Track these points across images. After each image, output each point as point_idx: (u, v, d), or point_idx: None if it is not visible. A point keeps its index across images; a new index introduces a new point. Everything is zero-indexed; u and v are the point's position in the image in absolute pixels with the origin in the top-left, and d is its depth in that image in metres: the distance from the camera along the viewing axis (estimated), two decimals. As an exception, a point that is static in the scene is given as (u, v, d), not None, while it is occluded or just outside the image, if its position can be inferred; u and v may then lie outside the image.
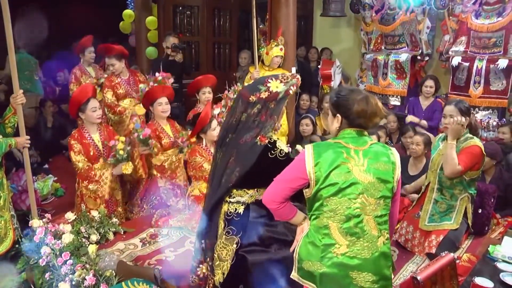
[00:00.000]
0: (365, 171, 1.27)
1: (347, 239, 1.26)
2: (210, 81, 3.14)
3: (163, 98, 2.75)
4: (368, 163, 1.28)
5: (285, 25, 3.43)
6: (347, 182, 1.25)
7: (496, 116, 3.42)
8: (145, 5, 4.63)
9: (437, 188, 2.22)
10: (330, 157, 1.28)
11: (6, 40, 2.08)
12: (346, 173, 1.26)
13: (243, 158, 1.45)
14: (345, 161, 1.27)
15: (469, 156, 2.07)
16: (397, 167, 1.32)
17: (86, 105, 2.49)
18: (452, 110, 2.15)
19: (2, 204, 2.07)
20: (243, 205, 1.53)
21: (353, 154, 1.28)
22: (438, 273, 1.57)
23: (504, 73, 3.33)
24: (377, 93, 4.25)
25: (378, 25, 4.15)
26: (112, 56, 3.08)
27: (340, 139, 1.32)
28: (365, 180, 1.26)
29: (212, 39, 4.96)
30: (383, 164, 1.29)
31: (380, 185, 1.28)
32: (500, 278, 1.72)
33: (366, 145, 1.31)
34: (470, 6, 3.48)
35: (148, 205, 2.77)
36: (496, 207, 2.46)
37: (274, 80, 1.46)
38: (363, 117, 1.30)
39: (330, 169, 1.26)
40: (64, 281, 1.82)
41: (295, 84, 1.49)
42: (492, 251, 1.97)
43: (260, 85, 1.47)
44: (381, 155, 1.31)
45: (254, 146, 1.44)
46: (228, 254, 1.51)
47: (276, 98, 1.46)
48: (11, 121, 2.16)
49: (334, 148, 1.30)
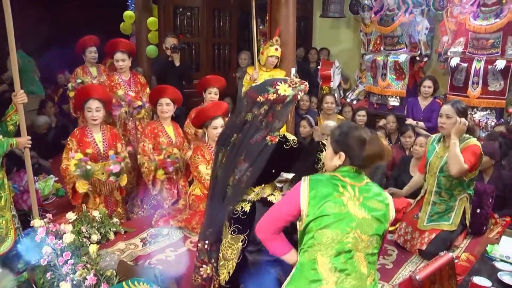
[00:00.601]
0: (360, 206, 1.24)
1: (335, 275, 1.21)
2: (219, 82, 3.15)
3: (164, 99, 2.76)
4: (363, 199, 1.25)
5: (284, 26, 3.44)
6: (340, 215, 1.22)
7: (494, 117, 3.44)
8: (146, 6, 4.65)
9: (436, 191, 2.23)
10: (325, 189, 1.25)
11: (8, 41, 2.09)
12: (340, 205, 1.23)
13: (256, 158, 1.44)
14: (340, 194, 1.25)
15: (473, 155, 2.07)
16: (391, 209, 1.30)
17: (84, 104, 2.51)
18: (448, 110, 2.13)
19: (3, 204, 2.07)
20: (249, 203, 1.52)
21: (349, 189, 1.26)
22: (437, 272, 1.57)
23: (502, 74, 3.36)
24: (376, 93, 4.27)
25: (377, 26, 4.17)
26: (125, 52, 3.07)
27: (337, 173, 1.30)
28: (359, 215, 1.23)
29: (212, 40, 4.98)
30: (378, 203, 1.27)
31: (374, 223, 1.24)
32: (498, 277, 1.73)
33: (363, 182, 1.29)
34: (468, 8, 3.51)
35: (148, 205, 2.78)
36: (494, 207, 2.47)
37: (282, 84, 1.47)
38: (370, 160, 1.27)
39: (323, 201, 1.23)
40: (65, 281, 1.82)
41: (303, 90, 1.49)
42: (490, 250, 1.98)
43: (268, 87, 1.47)
44: (376, 194, 1.28)
45: (266, 146, 1.44)
46: (233, 253, 1.51)
47: (284, 101, 1.46)
48: (12, 119, 2.16)
49: (330, 181, 1.28)
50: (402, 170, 3.04)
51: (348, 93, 4.72)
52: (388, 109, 4.13)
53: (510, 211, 2.67)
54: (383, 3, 4.13)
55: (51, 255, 1.90)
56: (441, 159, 2.18)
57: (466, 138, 2.15)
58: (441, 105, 3.51)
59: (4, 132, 2.14)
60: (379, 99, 4.27)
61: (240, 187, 1.48)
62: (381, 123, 3.94)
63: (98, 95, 2.55)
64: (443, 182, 2.18)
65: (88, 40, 3.47)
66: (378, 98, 4.27)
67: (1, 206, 2.07)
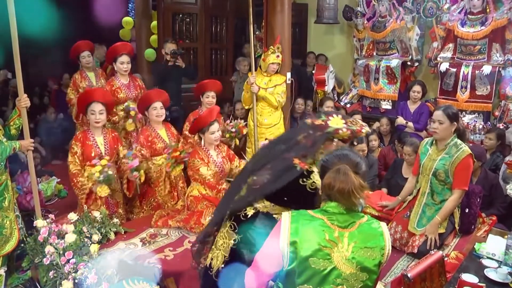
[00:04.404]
0: (348, 259, 1.14)
1: None
2: (216, 86, 3.21)
3: (158, 103, 2.77)
4: (352, 250, 1.14)
5: (280, 32, 3.53)
6: (325, 271, 1.12)
7: (482, 120, 3.53)
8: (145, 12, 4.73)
9: (428, 193, 2.26)
10: (309, 238, 1.13)
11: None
12: (325, 260, 1.13)
13: (278, 174, 1.41)
14: (326, 246, 1.13)
15: (467, 169, 2.14)
16: (387, 248, 1.18)
17: (88, 107, 2.55)
18: (440, 116, 2.16)
19: (7, 205, 2.11)
20: (254, 209, 1.51)
21: (337, 237, 1.14)
22: (427, 270, 1.59)
23: (488, 78, 3.46)
24: (369, 97, 4.37)
25: (370, 32, 4.26)
26: (129, 55, 3.12)
27: (323, 215, 1.17)
28: (346, 270, 1.13)
29: (210, 45, 5.06)
30: (370, 251, 1.15)
31: (363, 275, 1.15)
32: (485, 273, 1.76)
33: (354, 226, 1.16)
34: (456, 15, 3.63)
35: (147, 206, 2.83)
36: (482, 207, 2.53)
37: (337, 117, 1.45)
38: (340, 194, 1.14)
39: (307, 254, 1.12)
40: (67, 279, 1.87)
41: (354, 132, 1.43)
42: (478, 248, 2.01)
43: (323, 114, 1.48)
44: (369, 239, 1.16)
45: (293, 169, 1.39)
46: (223, 246, 1.52)
47: (323, 130, 1.43)
48: (16, 123, 2.21)
49: (316, 227, 1.15)
50: (395, 172, 3.12)
51: (341, 96, 4.81)
52: (380, 112, 4.21)
53: (496, 211, 2.77)
54: (375, 10, 4.24)
55: (53, 254, 1.94)
56: (434, 162, 2.23)
57: (459, 145, 2.18)
58: (430, 108, 3.66)
59: (7, 136, 2.19)
60: (371, 103, 4.37)
61: (253, 189, 1.46)
62: (375, 126, 4.04)
63: (102, 99, 2.59)
64: (435, 185, 2.24)
65: (82, 45, 3.41)
66: (371, 101, 4.37)
67: (5, 207, 2.10)
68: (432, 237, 2.19)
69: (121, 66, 3.13)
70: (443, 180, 2.21)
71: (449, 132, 2.20)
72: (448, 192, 2.22)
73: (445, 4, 3.74)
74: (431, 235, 2.20)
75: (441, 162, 2.21)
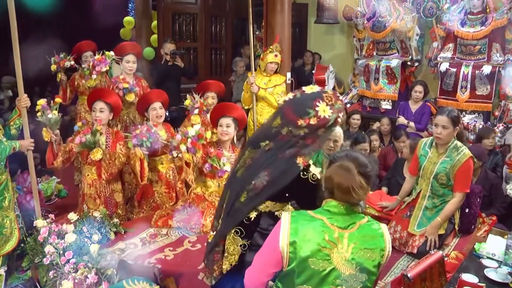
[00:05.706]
0: (347, 260, 1.13)
1: None
2: (218, 87, 3.20)
3: (157, 103, 2.77)
4: (352, 251, 1.14)
5: (280, 32, 3.53)
6: (324, 271, 1.12)
7: (482, 120, 3.54)
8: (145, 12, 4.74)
9: (429, 196, 2.26)
10: (308, 238, 1.13)
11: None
12: (324, 260, 1.12)
13: (279, 175, 1.38)
14: (326, 246, 1.13)
15: (468, 172, 2.14)
16: (387, 250, 1.18)
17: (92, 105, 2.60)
18: (445, 121, 2.13)
19: (7, 204, 2.12)
20: (256, 212, 1.50)
21: (336, 238, 1.14)
22: (427, 270, 1.58)
23: (488, 78, 3.47)
24: (369, 97, 4.38)
25: (370, 32, 4.27)
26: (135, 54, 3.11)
27: (323, 216, 1.17)
28: (345, 271, 1.13)
29: (209, 45, 5.07)
30: (370, 252, 1.15)
31: (362, 276, 1.15)
32: (484, 273, 1.76)
33: (353, 227, 1.16)
34: (456, 15, 3.63)
35: (147, 206, 2.83)
36: (482, 207, 2.53)
37: (321, 103, 1.39)
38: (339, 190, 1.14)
39: (306, 254, 1.12)
40: (67, 279, 1.87)
41: (341, 110, 1.42)
42: (477, 248, 2.01)
43: (308, 109, 1.38)
44: (369, 240, 1.16)
45: (294, 167, 1.37)
46: (235, 250, 1.51)
47: (325, 126, 1.38)
48: (16, 123, 2.22)
49: (315, 227, 1.14)
50: (396, 172, 3.12)
51: (342, 96, 4.83)
52: (380, 112, 4.22)
53: (496, 211, 2.77)
54: (375, 10, 4.24)
55: (53, 254, 1.95)
56: (435, 165, 2.22)
57: (460, 148, 2.17)
58: (431, 108, 3.66)
59: (8, 136, 2.20)
60: (372, 103, 4.37)
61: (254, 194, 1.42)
62: (375, 126, 4.04)
63: (107, 99, 2.61)
64: (436, 187, 2.24)
65: (84, 45, 3.41)
66: (371, 101, 4.37)
67: (5, 206, 2.11)
68: (432, 238, 2.19)
69: (127, 65, 3.14)
70: (445, 183, 2.21)
71: (452, 137, 2.20)
72: (449, 195, 2.22)
73: (445, 4, 3.75)
74: (431, 236, 2.19)
75: (442, 166, 2.21)
